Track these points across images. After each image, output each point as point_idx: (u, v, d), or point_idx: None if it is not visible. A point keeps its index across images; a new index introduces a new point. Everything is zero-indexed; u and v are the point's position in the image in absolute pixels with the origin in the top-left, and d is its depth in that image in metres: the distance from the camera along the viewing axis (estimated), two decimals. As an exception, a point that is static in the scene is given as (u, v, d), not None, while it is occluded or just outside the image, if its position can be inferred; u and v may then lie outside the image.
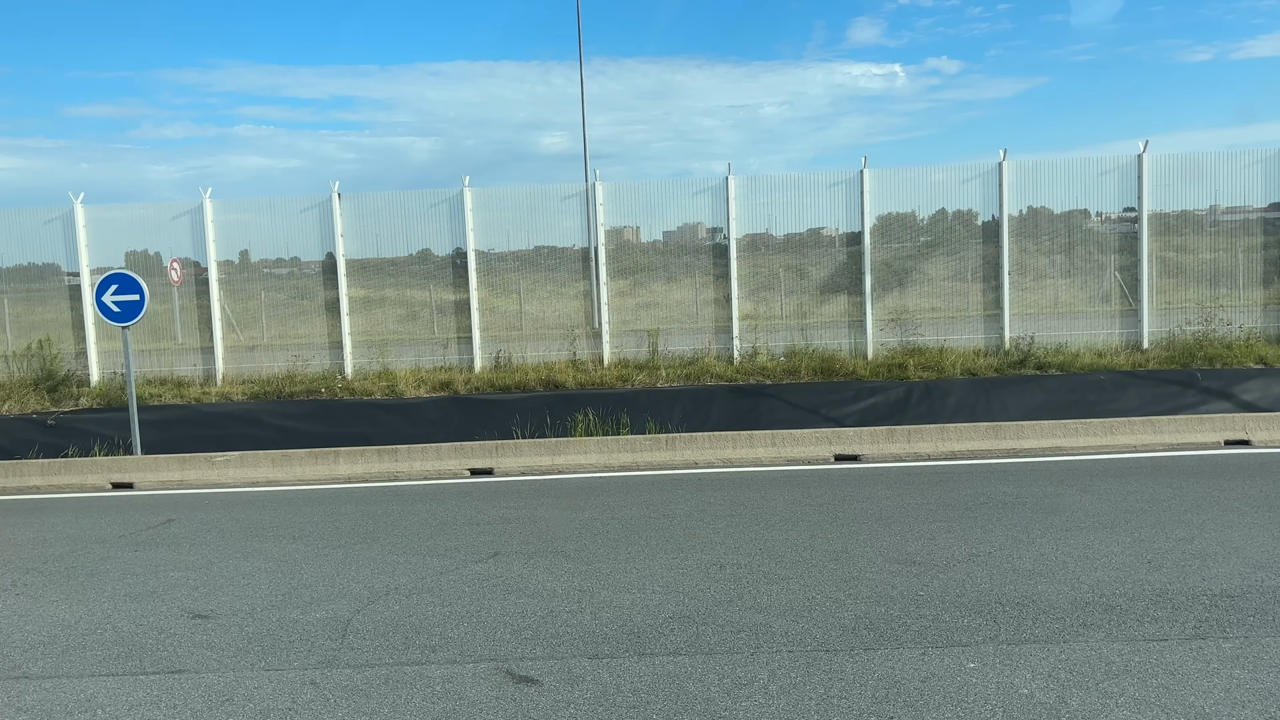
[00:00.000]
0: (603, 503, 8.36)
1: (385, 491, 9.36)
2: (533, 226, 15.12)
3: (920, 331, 14.64)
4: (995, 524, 7.10)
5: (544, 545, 7.01)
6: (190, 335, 15.20)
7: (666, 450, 9.96)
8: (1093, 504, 7.58)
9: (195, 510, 8.80)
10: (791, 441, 9.93)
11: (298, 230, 15.04)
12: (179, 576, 6.61)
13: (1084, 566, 6.02)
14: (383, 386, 14.11)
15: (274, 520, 8.23)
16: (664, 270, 15.21)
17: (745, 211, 14.78)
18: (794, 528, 7.22)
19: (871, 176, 14.52)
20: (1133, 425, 9.83)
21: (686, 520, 7.58)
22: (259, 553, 7.14)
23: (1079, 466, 9.11)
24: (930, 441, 9.84)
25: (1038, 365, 13.74)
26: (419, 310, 15.59)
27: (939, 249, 14.79)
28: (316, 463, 10.09)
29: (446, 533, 7.50)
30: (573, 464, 9.95)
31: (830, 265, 15.00)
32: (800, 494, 8.34)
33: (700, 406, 12.96)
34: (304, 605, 5.89)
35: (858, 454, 9.83)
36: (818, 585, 5.86)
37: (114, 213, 14.92)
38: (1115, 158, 14.29)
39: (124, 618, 5.80)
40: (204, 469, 10.13)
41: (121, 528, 8.16)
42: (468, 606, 5.74)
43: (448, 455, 10.05)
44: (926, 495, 8.12)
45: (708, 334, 15.10)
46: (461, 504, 8.57)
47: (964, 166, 14.56)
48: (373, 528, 7.78)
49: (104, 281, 10.94)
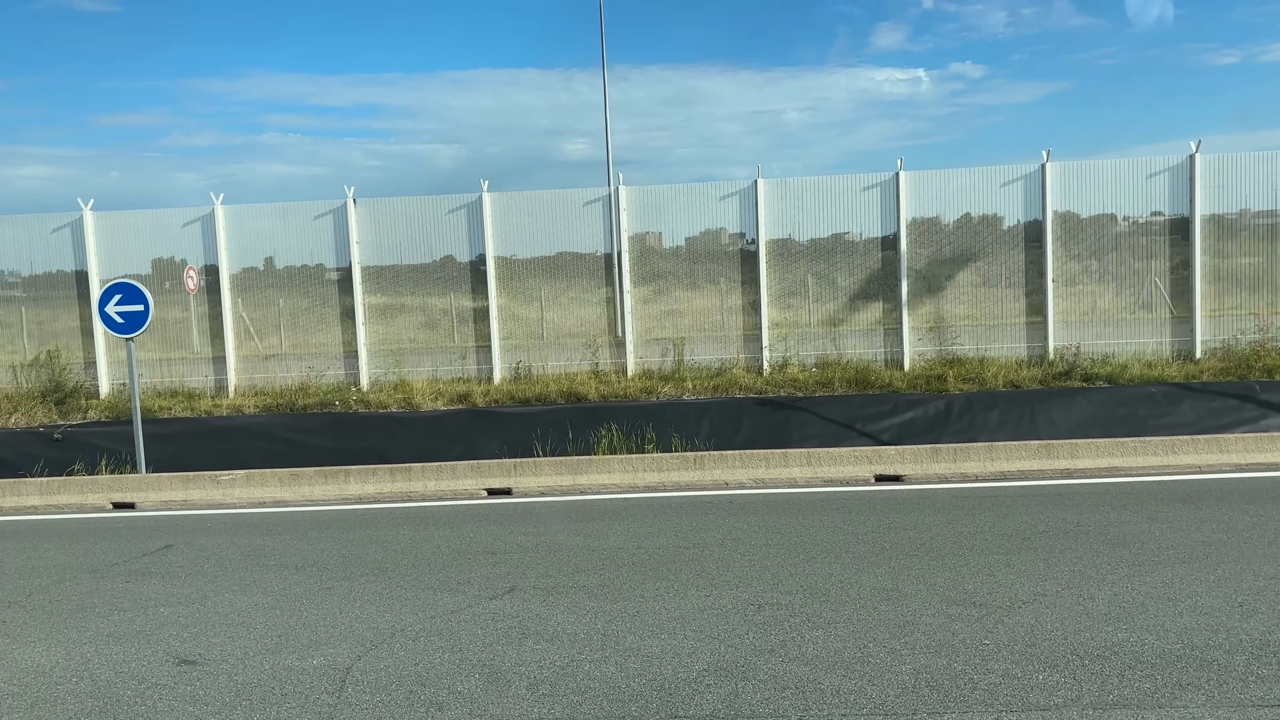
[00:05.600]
0: (627, 529, 7.79)
1: (397, 514, 8.84)
2: (554, 232, 14.60)
3: (958, 341, 13.99)
4: (1058, 557, 6.47)
5: (565, 579, 6.45)
6: (207, 344, 14.78)
7: (695, 470, 9.38)
8: (1163, 534, 6.93)
9: (196, 534, 8.30)
10: (829, 460, 9.32)
11: (313, 237, 14.58)
12: (169, 613, 6.09)
13: (1166, 610, 5.38)
14: (398, 399, 13.62)
15: (277, 547, 7.72)
16: (688, 277, 14.64)
17: (774, 215, 14.19)
18: (837, 560, 6.62)
19: (907, 179, 13.89)
20: (1196, 444, 9.16)
21: (719, 550, 7.00)
22: (258, 585, 6.62)
23: (1140, 490, 8.44)
24: (978, 461, 9.21)
25: (1084, 377, 13.06)
26: (440, 318, 15.10)
27: (977, 254, 14.13)
28: (326, 482, 9.58)
29: (460, 563, 6.95)
30: (595, 484, 9.40)
31: (862, 272, 14.37)
32: (841, 520, 7.74)
33: (729, 420, 12.37)
34: (301, 649, 5.35)
35: (900, 474, 9.21)
36: (869, 631, 5.26)
37: (124, 219, 14.52)
38: (1165, 159, 13.59)
39: (104, 663, 5.28)
40: (209, 488, 9.65)
41: (116, 554, 7.67)
42: (480, 653, 5.18)
43: (464, 474, 9.52)
44: (979, 522, 7.49)
45: (733, 343, 14.52)
46: (477, 529, 8.02)
47: (1004, 169, 13.91)
48: (381, 556, 7.25)
49: (107, 291, 10.50)
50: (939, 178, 14.03)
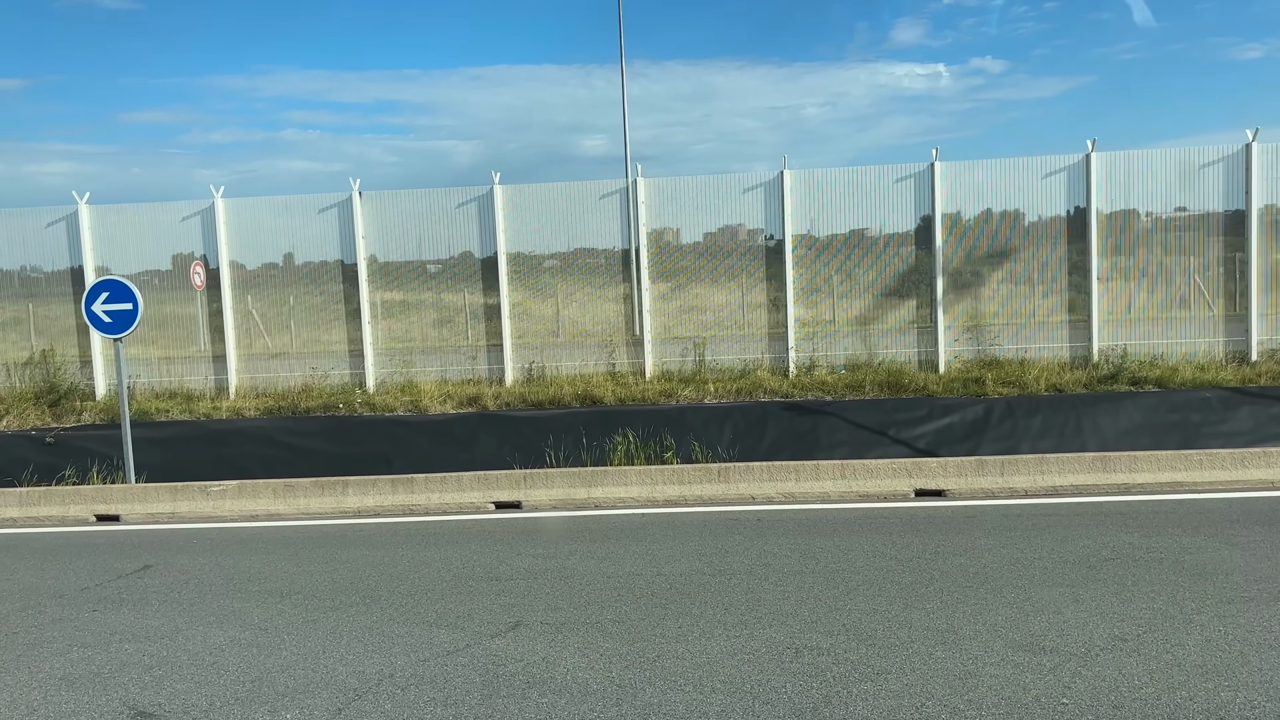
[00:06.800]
0: (646, 550, 7.10)
1: (397, 530, 8.18)
2: (569, 227, 13.89)
3: (996, 341, 13.21)
4: (1133, 591, 5.73)
5: (576, 613, 5.76)
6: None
7: (719, 482, 8.68)
8: (1247, 563, 6.18)
9: (179, 553, 7.67)
10: (865, 473, 8.60)
11: (318, 231, 13.95)
12: (134, 651, 5.45)
13: (1273, 662, 4.64)
14: (405, 401, 12.97)
15: (264, 568, 7.07)
16: (708, 273, 13.91)
17: (801, 209, 13.45)
18: (881, 592, 5.90)
19: (943, 170, 13.12)
20: (1270, 457, 8.37)
21: (748, 578, 6.30)
22: (236, 617, 5.97)
23: (1211, 509, 7.68)
24: (1027, 475, 8.46)
25: (1131, 380, 12.26)
26: (450, 316, 14.43)
27: (1016, 249, 13.34)
28: (323, 494, 8.94)
29: (461, 592, 6.28)
30: (611, 497, 8.71)
31: (893, 268, 13.60)
32: (882, 542, 7.02)
33: (753, 426, 11.65)
34: (274, 700, 4.69)
35: (942, 489, 8.48)
36: (926, 684, 4.55)
37: (121, 213, 13.92)
38: (1219, 148, 12.76)
39: (51, 713, 4.64)
40: (198, 500, 9.02)
41: (89, 576, 7.05)
42: (477, 707, 4.50)
43: (470, 486, 8.85)
44: (1035, 546, 6.75)
45: (756, 341, 13.79)
46: (482, 549, 7.35)
47: (1046, 159, 13.11)
48: (375, 582, 6.58)
49: (94, 289, 9.90)
50: (976, 169, 13.25)
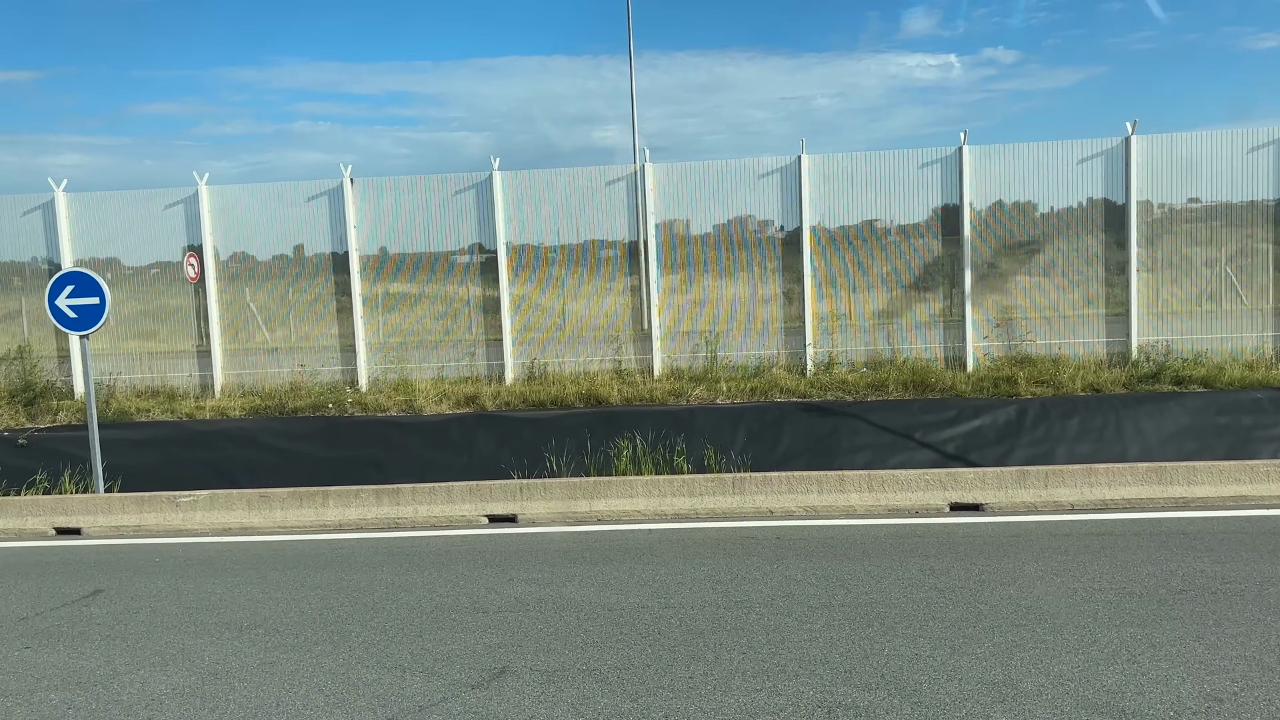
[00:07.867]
0: (653, 576, 6.34)
1: (380, 548, 7.44)
2: (574, 216, 13.10)
3: (1028, 337, 12.39)
4: (1214, 633, 4.94)
5: (571, 656, 5.01)
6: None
7: (734, 494, 7.91)
8: (1342, 597, 5.39)
9: (136, 575, 6.94)
10: (894, 485, 7.81)
11: (308, 220, 13.19)
12: (59, 701, 4.71)
13: (1404, 733, 3.87)
14: (399, 400, 12.23)
15: (226, 594, 6.34)
16: (718, 264, 13.11)
17: (819, 195, 12.63)
18: (924, 632, 5.13)
19: (972, 155, 12.28)
20: (1344, 469, 7.57)
21: (768, 612, 5.53)
22: (184, 657, 5.23)
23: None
24: (1074, 487, 7.66)
25: (1175, 379, 11.42)
26: (453, 309, 13.64)
27: (1049, 239, 12.50)
28: (301, 505, 8.20)
29: (441, 627, 5.53)
30: (615, 511, 7.95)
31: (918, 259, 12.78)
32: (918, 568, 6.24)
33: (768, 429, 10.87)
34: (210, 772, 3.95)
35: (980, 503, 7.69)
36: (988, 761, 3.79)
37: (99, 201, 13.19)
38: (1270, 129, 11.89)
39: (-55, 789, 3.92)
40: (166, 512, 8.30)
41: (32, 603, 6.33)
42: (449, 786, 3.76)
43: (461, 498, 8.10)
44: (1093, 574, 5.97)
45: (770, 336, 12.98)
46: (470, 573, 6.60)
47: (1081, 144, 12.24)
48: (347, 613, 5.84)
49: (58, 281, 9.18)
50: (1006, 153, 12.40)
